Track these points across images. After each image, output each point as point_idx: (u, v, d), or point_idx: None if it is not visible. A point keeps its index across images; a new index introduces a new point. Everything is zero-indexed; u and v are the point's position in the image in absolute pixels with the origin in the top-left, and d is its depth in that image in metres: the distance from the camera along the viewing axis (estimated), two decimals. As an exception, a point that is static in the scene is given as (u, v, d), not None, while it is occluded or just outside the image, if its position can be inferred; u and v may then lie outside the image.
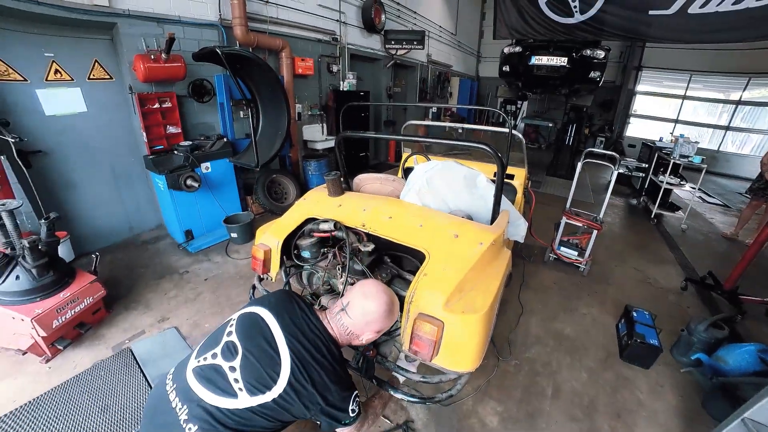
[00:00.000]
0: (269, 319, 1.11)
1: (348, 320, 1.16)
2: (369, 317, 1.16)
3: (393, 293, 1.23)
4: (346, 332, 1.18)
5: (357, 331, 1.18)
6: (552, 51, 6.48)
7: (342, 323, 1.17)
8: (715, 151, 10.41)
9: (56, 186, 3.34)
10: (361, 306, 1.16)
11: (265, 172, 4.46)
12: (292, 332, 1.09)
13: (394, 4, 6.97)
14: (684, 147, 5.02)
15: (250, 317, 1.13)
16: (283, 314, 1.13)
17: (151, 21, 3.43)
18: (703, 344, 2.45)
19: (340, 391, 1.07)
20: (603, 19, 4.24)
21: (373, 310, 1.16)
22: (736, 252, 4.46)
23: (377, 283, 1.21)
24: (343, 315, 1.17)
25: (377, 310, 1.16)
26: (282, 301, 1.19)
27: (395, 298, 1.23)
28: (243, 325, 1.12)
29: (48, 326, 2.15)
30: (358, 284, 1.22)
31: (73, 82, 3.25)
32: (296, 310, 1.16)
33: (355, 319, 1.16)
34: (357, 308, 1.16)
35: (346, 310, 1.17)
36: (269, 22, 4.49)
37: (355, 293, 1.19)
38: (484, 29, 12.65)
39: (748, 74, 9.47)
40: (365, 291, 1.18)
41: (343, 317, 1.17)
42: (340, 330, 1.17)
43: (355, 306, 1.16)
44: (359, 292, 1.18)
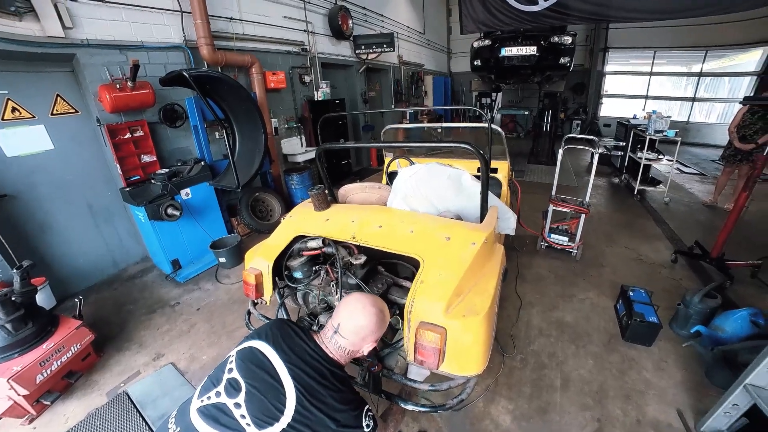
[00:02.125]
0: (268, 351, 1.09)
1: (343, 341, 1.15)
2: (362, 333, 1.15)
3: (378, 300, 1.21)
4: (345, 352, 1.17)
5: (355, 348, 1.17)
6: (521, 41, 6.58)
7: (339, 345, 1.16)
8: (686, 122, 10.82)
9: (29, 230, 3.18)
10: (352, 325, 1.14)
11: (248, 191, 4.37)
12: (293, 361, 1.07)
13: (360, 9, 6.98)
14: (657, 122, 5.15)
15: (249, 352, 1.11)
16: (281, 344, 1.11)
17: (113, 49, 3.33)
18: (700, 315, 2.49)
19: (351, 410, 1.06)
20: (567, 4, 4.31)
21: (365, 325, 1.15)
22: (718, 219, 4.59)
23: (360, 297, 1.19)
24: (338, 337, 1.15)
25: (368, 325, 1.15)
26: (278, 330, 1.17)
27: (382, 304, 1.21)
28: (243, 360, 1.10)
29: (30, 383, 2.02)
30: (343, 303, 1.20)
31: (35, 120, 3.11)
32: (294, 338, 1.15)
33: (350, 339, 1.15)
34: (349, 328, 1.14)
35: (339, 333, 1.15)
36: (236, 38, 4.42)
37: (341, 314, 1.17)
38: (452, 25, 12.81)
39: (705, 47, 10.03)
40: (351, 310, 1.16)
41: (338, 339, 1.15)
42: (339, 351, 1.16)
43: (346, 327, 1.15)
44: (345, 313, 1.17)
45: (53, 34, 2.89)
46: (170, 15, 3.75)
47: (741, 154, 4.62)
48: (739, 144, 4.56)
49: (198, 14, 3.76)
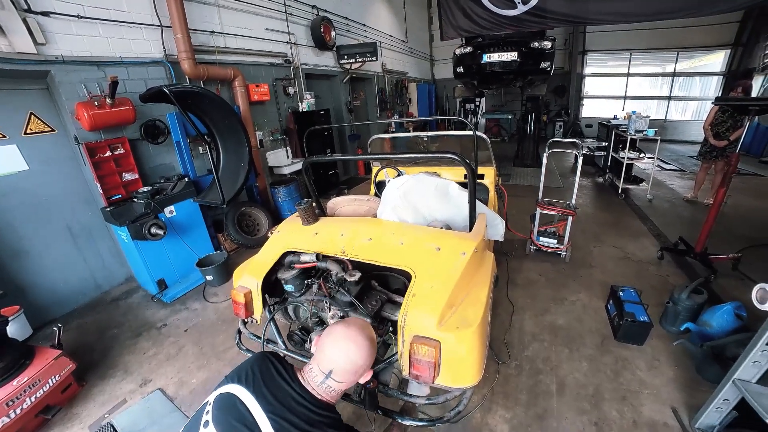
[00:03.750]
0: (248, 399, 0.96)
1: (338, 385, 1.02)
2: (360, 370, 1.03)
3: (365, 325, 1.08)
4: (339, 393, 1.05)
5: (351, 384, 1.05)
6: (502, 47, 6.72)
7: (332, 390, 1.02)
8: (663, 120, 11.27)
9: (1, 256, 3.03)
10: (348, 367, 1.01)
11: (234, 205, 4.29)
12: (277, 411, 0.94)
13: (342, 19, 7.02)
14: (637, 122, 5.29)
15: (227, 400, 0.98)
16: (262, 390, 0.98)
17: (90, 65, 3.25)
18: (689, 311, 2.54)
19: None
20: (545, 8, 4.39)
21: (362, 363, 1.02)
22: (699, 214, 4.73)
23: (348, 333, 1.03)
24: (330, 382, 1.01)
25: (365, 359, 1.02)
26: (259, 371, 1.04)
27: (369, 329, 1.08)
28: (220, 410, 0.97)
29: None
30: (329, 343, 1.02)
31: (7, 139, 2.98)
32: (276, 380, 1.01)
33: (345, 380, 1.02)
34: (344, 370, 1.00)
35: (333, 378, 1.00)
36: (218, 52, 4.39)
37: (332, 357, 1.00)
38: (434, 33, 13.01)
39: (676, 49, 10.66)
40: (343, 350, 1.01)
41: (330, 384, 1.01)
42: (330, 393, 1.02)
43: (340, 370, 1.00)
44: (336, 354, 1.01)
45: (23, 50, 2.78)
46: (149, 29, 3.69)
47: (716, 150, 4.80)
48: (714, 141, 4.74)
49: (178, 28, 3.72)
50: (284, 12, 5.47)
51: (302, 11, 5.90)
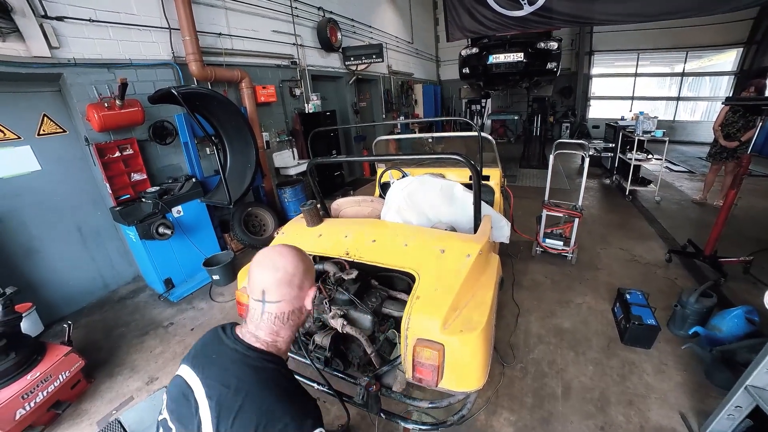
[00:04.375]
0: (189, 375, 0.89)
1: (278, 306, 0.90)
2: (291, 276, 0.90)
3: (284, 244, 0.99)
4: (284, 323, 0.92)
5: (296, 305, 0.92)
6: (508, 48, 6.68)
7: (275, 317, 0.90)
8: (672, 121, 11.09)
9: (14, 255, 3.10)
10: (279, 277, 0.89)
11: (240, 206, 4.33)
12: (211, 375, 0.86)
13: (348, 21, 7.04)
14: (645, 123, 5.24)
15: (175, 384, 0.92)
16: (200, 360, 0.91)
17: (101, 67, 3.30)
18: (697, 315, 2.50)
19: (294, 419, 0.79)
20: (551, 8, 4.37)
21: (287, 263, 0.90)
22: (709, 216, 4.65)
23: (265, 250, 0.95)
24: (269, 307, 0.90)
25: (296, 264, 0.91)
26: (202, 342, 0.97)
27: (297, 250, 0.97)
28: (169, 396, 0.92)
29: (8, 420, 1.91)
30: (254, 268, 0.92)
31: (21, 141, 3.05)
32: (215, 345, 0.93)
33: (285, 296, 0.90)
34: (276, 283, 0.89)
35: (268, 300, 0.89)
36: (225, 54, 4.43)
37: (259, 277, 0.90)
38: (439, 34, 12.99)
39: (685, 49, 10.47)
40: (267, 265, 0.91)
41: (270, 310, 0.90)
42: (275, 328, 0.91)
43: (273, 286, 0.89)
44: (262, 272, 0.90)
45: (39, 54, 2.86)
46: (158, 32, 3.74)
47: (727, 151, 4.71)
48: (725, 142, 4.66)
49: (186, 31, 3.76)
50: (291, 14, 5.51)
51: (308, 13, 5.93)
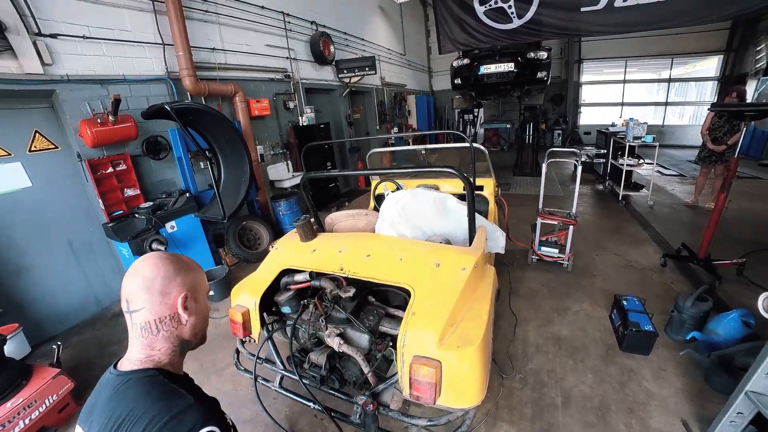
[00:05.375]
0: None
1: (143, 316, 0.83)
2: (156, 284, 0.84)
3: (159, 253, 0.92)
4: (154, 334, 0.84)
5: (164, 313, 0.84)
6: (498, 58, 6.80)
7: (141, 330, 0.83)
8: (661, 125, 11.35)
9: (3, 273, 3.04)
10: (139, 283, 0.84)
11: (235, 220, 4.30)
12: (96, 422, 0.78)
13: (341, 34, 7.14)
14: (635, 129, 5.33)
15: None
16: (89, 414, 0.82)
17: (94, 83, 3.31)
18: (694, 320, 2.50)
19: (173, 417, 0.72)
20: (540, 21, 4.50)
21: (149, 269, 0.85)
22: (701, 219, 4.70)
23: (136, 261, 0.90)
24: (137, 318, 0.83)
25: (157, 270, 0.85)
26: (90, 396, 0.86)
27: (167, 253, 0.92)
28: None
29: None
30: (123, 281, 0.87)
31: (12, 157, 3.02)
32: (100, 390, 0.84)
33: (147, 305, 0.83)
34: (139, 290, 0.83)
35: (133, 312, 0.83)
36: (218, 68, 4.46)
37: (126, 287, 0.85)
38: (431, 45, 13.20)
39: (671, 55, 10.82)
40: (130, 275, 0.85)
41: (137, 320, 0.83)
42: (145, 341, 0.84)
43: (135, 294, 0.83)
44: (127, 283, 0.85)
45: (32, 71, 2.86)
46: (152, 48, 3.77)
47: (715, 154, 4.81)
48: (713, 145, 4.75)
49: (180, 46, 3.79)
50: (284, 28, 5.58)
51: (302, 27, 6.01)
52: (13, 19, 2.72)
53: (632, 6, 3.95)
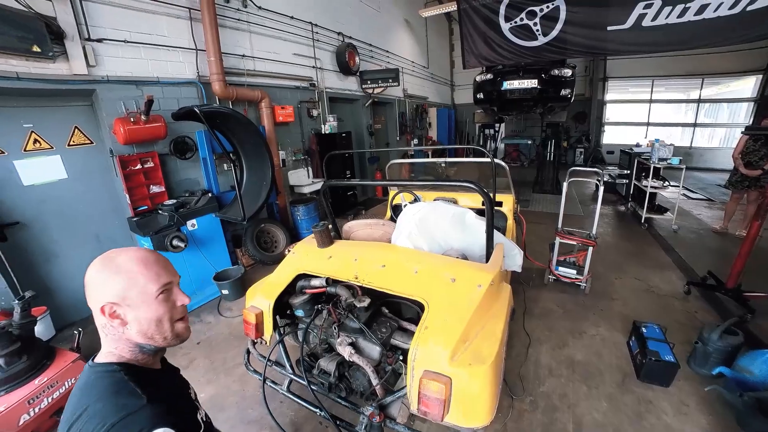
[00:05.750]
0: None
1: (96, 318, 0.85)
2: (90, 289, 0.84)
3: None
4: (105, 334, 0.86)
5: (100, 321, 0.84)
6: (522, 74, 6.77)
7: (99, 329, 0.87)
8: (689, 147, 10.93)
9: (35, 258, 3.22)
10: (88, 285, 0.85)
11: (253, 222, 4.39)
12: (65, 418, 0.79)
13: (366, 45, 7.29)
14: (661, 150, 5.17)
15: None
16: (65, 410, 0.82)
17: (130, 84, 3.49)
18: (721, 354, 2.36)
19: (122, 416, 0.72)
20: (565, 39, 4.47)
21: (87, 278, 0.85)
22: (730, 246, 4.49)
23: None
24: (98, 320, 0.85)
25: (90, 273, 0.85)
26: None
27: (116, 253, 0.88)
28: None
29: (12, 424, 1.89)
30: None
31: (53, 150, 3.23)
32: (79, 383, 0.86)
33: (92, 307, 0.84)
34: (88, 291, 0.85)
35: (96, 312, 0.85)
36: (247, 74, 4.61)
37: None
38: (455, 59, 13.28)
39: (701, 75, 10.39)
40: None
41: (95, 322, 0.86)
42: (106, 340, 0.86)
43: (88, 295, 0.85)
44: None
45: (78, 72, 3.08)
46: (186, 52, 3.94)
47: (749, 179, 4.60)
48: (746, 170, 4.55)
49: (212, 52, 3.95)
50: (311, 38, 5.74)
51: (328, 38, 6.17)
52: (72, 28, 2.98)
53: (661, 26, 3.86)
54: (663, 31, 3.90)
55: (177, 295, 0.90)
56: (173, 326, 0.88)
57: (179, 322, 0.90)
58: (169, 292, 0.87)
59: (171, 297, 0.88)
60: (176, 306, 0.89)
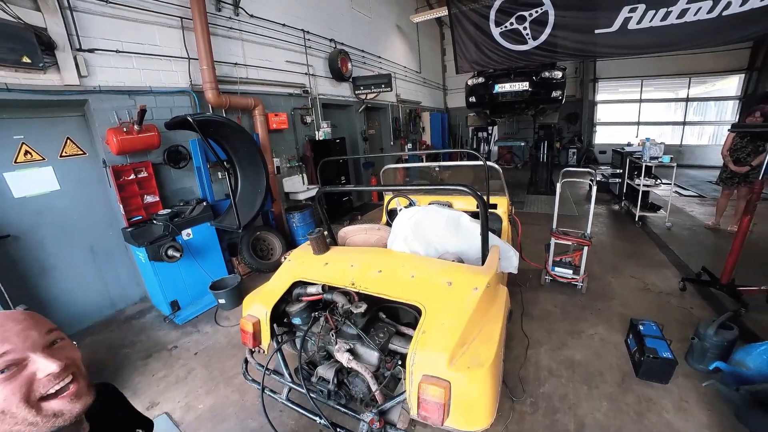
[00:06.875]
0: None
1: None
2: None
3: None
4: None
5: None
6: (513, 77, 6.85)
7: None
8: (679, 145, 11.13)
9: (29, 271, 3.17)
10: None
11: (249, 230, 4.38)
12: None
13: (358, 51, 7.34)
14: (652, 149, 5.24)
15: None
16: None
17: (123, 94, 3.48)
18: (717, 349, 2.37)
19: None
20: (555, 43, 4.56)
21: None
22: (723, 242, 4.55)
23: None
24: None
25: None
26: None
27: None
28: None
29: None
30: None
31: (45, 161, 3.21)
32: None
33: None
34: None
35: None
36: (240, 82, 4.62)
37: None
38: (446, 64, 13.41)
39: (688, 75, 10.65)
40: None
41: None
42: None
43: None
44: None
45: (70, 83, 3.07)
46: (178, 61, 3.95)
47: (738, 176, 4.67)
48: (735, 167, 4.63)
49: (204, 60, 3.96)
50: (304, 45, 5.77)
51: (321, 44, 6.21)
52: (63, 39, 2.98)
53: (646, 29, 3.97)
54: (648, 33, 4.00)
55: (37, 363, 0.64)
56: (40, 408, 0.63)
57: (54, 400, 0.65)
58: (13, 368, 0.62)
59: (20, 373, 0.63)
60: (36, 380, 0.63)
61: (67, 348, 0.70)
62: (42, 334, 0.68)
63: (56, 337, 0.70)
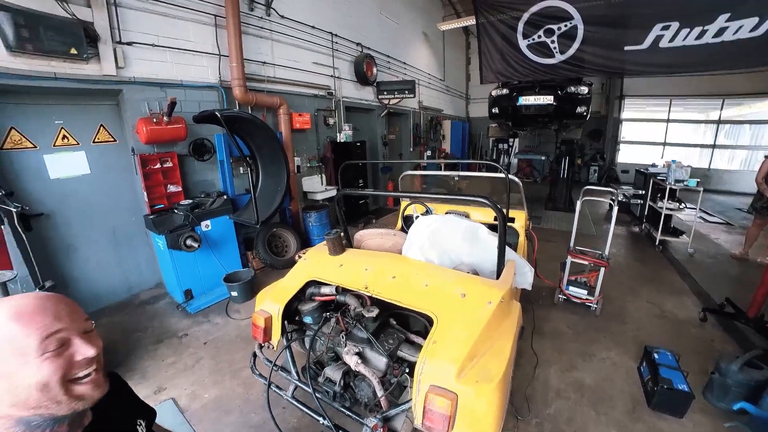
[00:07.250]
0: None
1: None
2: None
3: None
4: None
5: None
6: (538, 90, 6.78)
7: None
8: (707, 169, 10.67)
9: (56, 249, 3.34)
10: None
11: (266, 226, 4.45)
12: None
13: (384, 57, 7.40)
14: (677, 172, 5.07)
15: None
16: None
17: (155, 86, 3.61)
18: (742, 388, 2.22)
19: None
20: (582, 58, 4.49)
21: None
22: (751, 273, 4.35)
23: None
24: None
25: None
26: None
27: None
28: None
29: None
30: None
31: (79, 146, 3.38)
32: None
33: None
34: None
35: None
36: (267, 81, 4.73)
37: None
38: (471, 73, 13.37)
39: (722, 96, 10.12)
40: None
41: None
42: None
43: None
44: None
45: (108, 73, 3.23)
46: (209, 57, 4.07)
47: None
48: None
49: (234, 58, 4.07)
50: (331, 48, 5.87)
51: (348, 48, 6.30)
52: (106, 32, 3.16)
53: (678, 48, 3.84)
54: (680, 52, 3.88)
55: (77, 346, 0.67)
56: (69, 389, 0.65)
57: (80, 384, 0.67)
58: (61, 347, 0.65)
59: (65, 352, 0.65)
60: (74, 361, 0.66)
61: (97, 337, 0.74)
62: (82, 320, 0.72)
63: (92, 325, 0.74)
